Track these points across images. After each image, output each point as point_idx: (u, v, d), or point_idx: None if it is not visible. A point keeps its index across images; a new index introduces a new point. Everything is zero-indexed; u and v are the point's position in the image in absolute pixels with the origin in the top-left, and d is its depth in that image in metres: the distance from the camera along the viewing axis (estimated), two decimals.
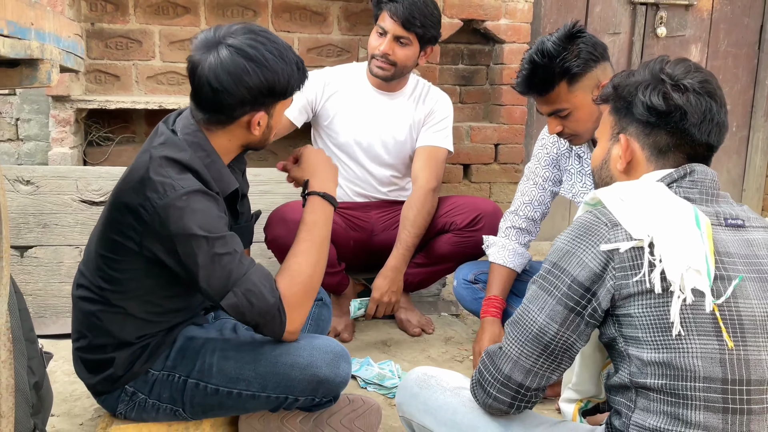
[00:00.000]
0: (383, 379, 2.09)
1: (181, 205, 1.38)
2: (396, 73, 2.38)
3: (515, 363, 1.20)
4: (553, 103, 1.90)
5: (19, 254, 2.45)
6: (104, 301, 1.49)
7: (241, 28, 1.46)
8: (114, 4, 3.04)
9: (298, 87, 1.52)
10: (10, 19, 0.89)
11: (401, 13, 2.28)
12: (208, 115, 1.48)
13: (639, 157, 1.26)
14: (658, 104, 1.21)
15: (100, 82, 3.10)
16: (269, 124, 1.53)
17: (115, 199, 1.48)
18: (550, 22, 3.59)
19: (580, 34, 1.87)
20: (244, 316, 1.44)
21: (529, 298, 1.22)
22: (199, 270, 1.39)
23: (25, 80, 1.03)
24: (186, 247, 1.38)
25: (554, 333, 1.17)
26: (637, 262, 1.12)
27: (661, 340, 1.10)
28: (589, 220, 1.18)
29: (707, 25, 3.80)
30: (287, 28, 3.23)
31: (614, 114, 1.30)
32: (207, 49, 1.43)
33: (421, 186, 2.39)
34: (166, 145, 1.46)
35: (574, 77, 1.86)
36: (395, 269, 2.33)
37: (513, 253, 2.19)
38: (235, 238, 1.46)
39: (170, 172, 1.41)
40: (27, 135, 3.09)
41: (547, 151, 2.19)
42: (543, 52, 1.86)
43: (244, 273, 1.42)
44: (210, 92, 1.43)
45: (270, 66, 1.43)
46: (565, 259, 1.17)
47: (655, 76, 1.24)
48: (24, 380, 1.37)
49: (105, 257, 1.48)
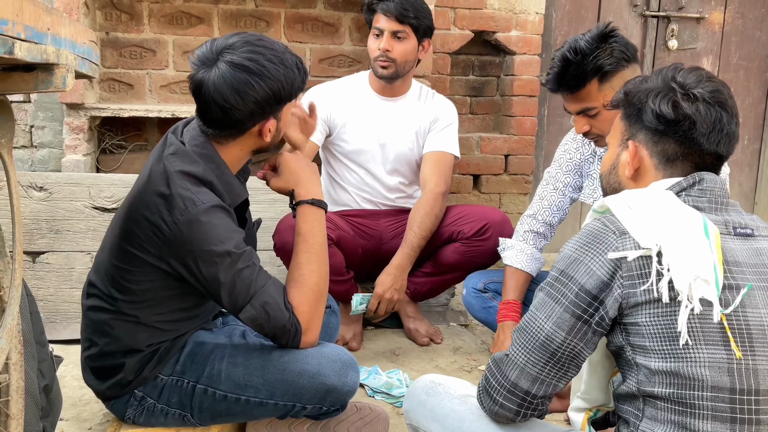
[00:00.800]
0: (391, 388, 2.09)
1: (204, 220, 1.40)
2: (399, 70, 2.41)
3: (522, 370, 1.20)
4: (583, 100, 1.90)
5: (31, 260, 2.47)
6: (117, 311, 1.50)
7: (238, 41, 1.46)
8: (129, 13, 3.08)
9: (301, 88, 1.53)
10: (28, 24, 0.90)
11: (393, 8, 2.33)
12: (218, 130, 1.49)
13: (647, 165, 1.26)
14: (666, 112, 1.20)
15: (114, 90, 3.13)
16: (279, 128, 1.55)
17: (131, 211, 1.48)
18: (561, 34, 3.60)
19: (612, 33, 1.88)
20: (263, 327, 1.47)
21: (536, 306, 1.21)
22: (221, 285, 1.42)
23: (41, 85, 1.04)
24: (209, 262, 1.40)
25: (561, 341, 1.16)
26: (645, 271, 1.11)
27: (669, 349, 1.09)
28: (597, 227, 1.18)
29: (719, 38, 3.80)
30: (299, 39, 3.26)
31: (625, 120, 1.30)
32: (207, 66, 1.44)
33: (430, 190, 2.40)
34: (178, 156, 1.47)
35: (606, 75, 1.86)
36: (399, 267, 2.33)
37: (531, 258, 2.19)
38: (253, 252, 1.48)
39: (188, 186, 1.42)
40: (41, 142, 3.13)
41: (570, 157, 2.20)
42: (576, 50, 1.86)
43: (263, 285, 1.45)
44: (218, 111, 1.44)
45: (273, 75, 1.44)
46: (573, 267, 1.16)
47: (666, 83, 1.23)
48: (34, 383, 1.38)
49: (120, 268, 1.48)
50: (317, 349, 1.54)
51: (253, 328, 1.48)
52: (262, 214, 2.61)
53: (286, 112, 1.55)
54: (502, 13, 3.39)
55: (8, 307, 1.17)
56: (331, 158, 2.56)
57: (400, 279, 2.32)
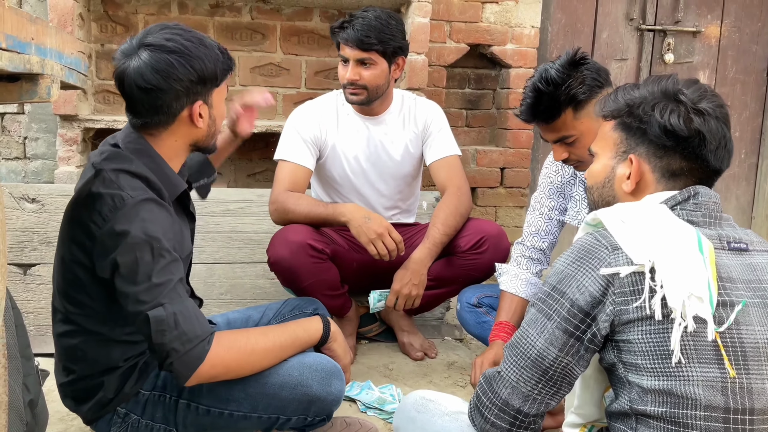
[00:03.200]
0: (384, 403, 2.06)
1: (131, 213, 1.35)
2: (371, 95, 2.34)
3: (513, 388, 1.18)
4: (559, 130, 1.89)
5: (22, 272, 2.45)
6: (81, 330, 1.46)
7: (154, 26, 1.45)
8: (124, 25, 3.08)
9: (226, 71, 1.50)
10: (9, 33, 0.89)
11: (354, 37, 2.24)
12: (147, 119, 1.46)
13: (648, 179, 1.23)
14: (678, 128, 1.17)
15: (108, 102, 3.12)
16: (211, 115, 1.51)
17: (65, 221, 1.45)
18: (557, 48, 3.60)
19: (583, 60, 1.86)
20: (164, 335, 1.31)
21: (528, 322, 1.19)
22: (137, 276, 1.32)
23: (25, 95, 1.04)
24: (129, 251, 1.33)
25: (553, 358, 1.14)
26: (637, 287, 1.09)
27: (661, 367, 1.07)
28: (590, 242, 1.16)
29: (715, 52, 3.80)
30: (295, 52, 3.26)
31: (623, 131, 1.25)
32: (128, 56, 1.42)
33: (453, 192, 2.37)
34: (109, 158, 1.43)
35: (580, 104, 1.85)
36: (420, 262, 2.25)
37: (526, 283, 2.16)
38: (179, 264, 1.40)
39: (120, 183, 1.38)
40: (34, 153, 3.12)
41: (551, 180, 2.18)
42: (547, 80, 1.84)
43: (181, 297, 1.36)
44: (142, 95, 1.41)
45: (193, 54, 1.41)
46: (565, 282, 1.14)
47: (670, 96, 1.19)
48: (18, 397, 1.36)
49: (67, 280, 1.45)
50: (299, 358, 1.51)
51: (152, 333, 1.31)
52: (256, 226, 2.61)
53: (217, 100, 1.51)
54: (497, 26, 3.39)
55: None
56: (323, 182, 2.52)
57: (419, 274, 2.24)
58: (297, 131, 2.37)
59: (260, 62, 3.25)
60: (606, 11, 3.65)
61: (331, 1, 3.07)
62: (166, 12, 3.10)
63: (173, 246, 1.40)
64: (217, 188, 2.82)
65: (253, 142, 3.27)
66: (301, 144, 2.36)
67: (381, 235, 2.14)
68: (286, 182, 2.31)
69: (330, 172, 2.46)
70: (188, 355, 1.33)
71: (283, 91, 3.29)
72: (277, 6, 3.19)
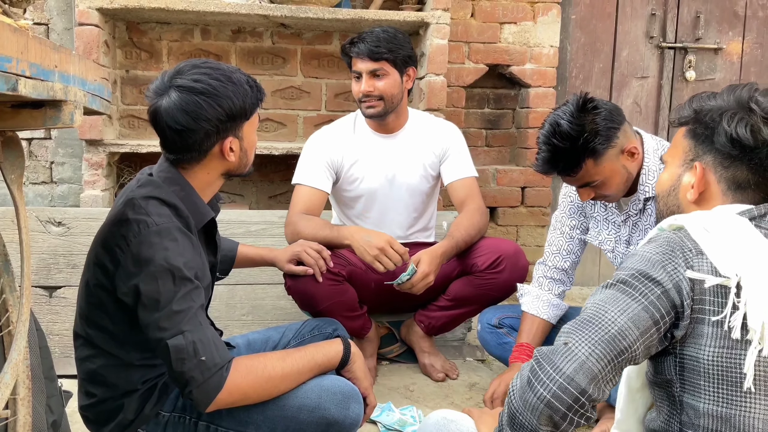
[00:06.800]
0: (404, 425, 2.05)
1: (155, 241, 1.38)
2: (388, 106, 2.38)
3: (582, 364, 1.03)
4: (582, 178, 1.87)
5: (48, 294, 2.49)
6: (101, 353, 1.48)
7: (185, 65, 1.49)
8: (148, 51, 3.14)
9: (256, 104, 1.53)
10: (33, 62, 0.92)
11: (365, 49, 2.31)
12: (180, 155, 1.51)
13: (713, 190, 1.17)
14: (744, 137, 1.12)
15: (133, 126, 3.18)
16: (242, 147, 1.55)
17: (94, 246, 1.49)
18: (576, 66, 3.60)
19: (592, 105, 1.82)
20: (183, 363, 1.34)
21: (603, 300, 1.09)
22: (159, 303, 1.35)
23: (49, 121, 1.06)
24: (151, 278, 1.36)
25: (633, 340, 1.05)
26: (718, 300, 1.03)
27: (725, 392, 1.01)
28: (677, 239, 1.09)
29: (737, 69, 3.77)
30: (315, 75, 3.30)
31: (691, 139, 1.20)
32: (159, 96, 1.47)
33: (473, 208, 2.40)
34: (142, 185, 1.49)
35: (600, 153, 1.82)
36: (441, 255, 2.23)
37: (547, 305, 2.15)
38: (200, 291, 1.42)
39: (149, 210, 1.42)
40: (61, 178, 3.18)
41: (571, 200, 2.17)
42: (561, 135, 1.79)
43: (201, 324, 1.37)
44: (174, 134, 1.46)
45: (221, 93, 1.45)
46: (656, 270, 1.07)
47: (743, 104, 1.14)
48: (42, 418, 1.38)
49: (90, 304, 1.48)
50: (317, 381, 1.52)
51: (172, 361, 1.34)
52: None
53: (248, 131, 1.55)
54: (516, 46, 3.41)
55: (14, 341, 1.17)
56: (341, 204, 2.54)
57: (434, 264, 2.21)
58: (313, 155, 2.41)
59: (281, 85, 3.29)
60: (626, 30, 3.65)
61: (350, 25, 3.11)
62: (189, 38, 3.16)
63: (195, 274, 1.43)
64: (239, 209, 2.85)
65: (275, 164, 3.30)
66: (317, 168, 2.39)
67: (383, 249, 2.15)
68: (301, 205, 2.35)
69: (347, 193, 2.48)
70: (207, 383, 1.35)
71: (303, 113, 3.33)
72: (297, 31, 3.24)
